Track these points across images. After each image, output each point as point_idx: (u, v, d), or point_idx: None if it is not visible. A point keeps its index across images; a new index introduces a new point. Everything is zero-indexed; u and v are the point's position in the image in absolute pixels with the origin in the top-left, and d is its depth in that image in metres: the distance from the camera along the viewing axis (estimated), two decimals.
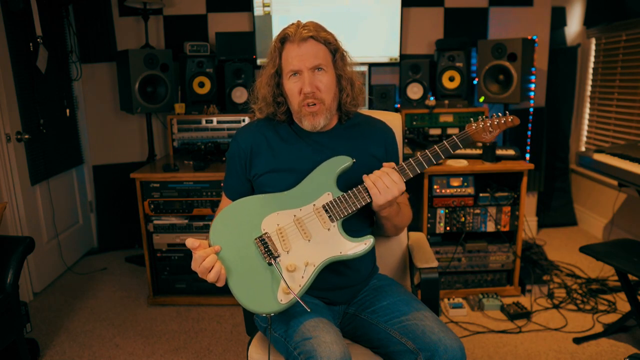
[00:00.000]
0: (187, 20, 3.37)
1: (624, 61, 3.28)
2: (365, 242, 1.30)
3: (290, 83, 1.35)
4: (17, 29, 2.74)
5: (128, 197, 3.28)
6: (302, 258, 1.27)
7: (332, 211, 1.31)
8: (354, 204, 1.31)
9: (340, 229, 1.31)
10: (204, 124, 3.06)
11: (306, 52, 1.31)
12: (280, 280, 1.24)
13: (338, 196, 1.32)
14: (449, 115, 3.10)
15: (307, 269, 1.26)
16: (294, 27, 1.33)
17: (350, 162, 1.34)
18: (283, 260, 1.27)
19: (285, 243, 1.29)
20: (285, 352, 1.28)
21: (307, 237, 1.30)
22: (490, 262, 2.74)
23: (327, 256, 1.28)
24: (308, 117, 1.36)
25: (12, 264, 1.96)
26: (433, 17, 3.39)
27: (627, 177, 2.18)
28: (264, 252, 1.27)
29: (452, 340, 1.24)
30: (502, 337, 2.38)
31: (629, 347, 2.26)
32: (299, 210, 1.32)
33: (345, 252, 1.29)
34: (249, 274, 1.26)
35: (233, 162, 1.46)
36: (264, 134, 1.45)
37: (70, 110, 3.30)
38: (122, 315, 2.65)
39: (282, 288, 1.24)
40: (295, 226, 1.31)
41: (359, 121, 1.50)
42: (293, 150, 1.42)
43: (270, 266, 1.26)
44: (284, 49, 1.34)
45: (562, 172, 3.88)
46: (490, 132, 1.39)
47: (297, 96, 1.35)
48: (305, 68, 1.32)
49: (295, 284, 1.25)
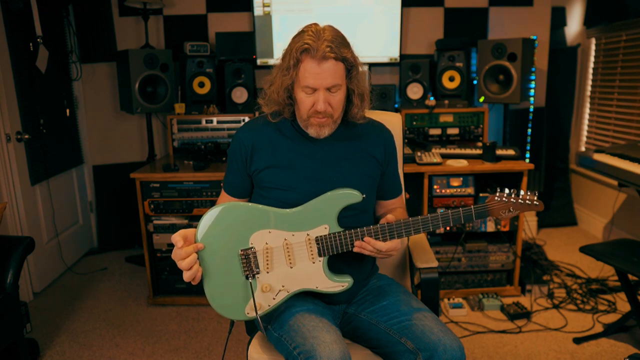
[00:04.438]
0: (187, 20, 3.37)
1: (624, 61, 3.28)
2: (343, 285, 1.33)
3: (303, 95, 1.33)
4: (17, 29, 2.74)
5: (128, 197, 3.28)
6: (280, 282, 1.31)
7: (322, 246, 1.31)
8: (346, 246, 1.31)
9: (324, 264, 1.32)
10: (204, 124, 3.06)
11: (326, 71, 1.28)
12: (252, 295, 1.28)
13: (334, 232, 1.31)
14: (449, 115, 3.10)
15: (280, 293, 1.31)
16: (314, 39, 1.27)
17: (360, 199, 1.31)
18: (261, 278, 1.30)
19: (268, 263, 1.31)
20: (285, 352, 1.28)
21: (290, 264, 1.31)
22: (490, 262, 2.74)
23: (303, 287, 1.32)
24: (315, 127, 1.37)
25: (12, 264, 1.96)
26: (433, 17, 3.39)
27: (627, 177, 2.18)
28: (245, 267, 1.29)
29: (451, 340, 1.25)
30: (502, 337, 2.38)
31: (629, 347, 2.26)
32: (291, 235, 1.32)
33: (321, 288, 1.33)
34: (225, 279, 1.29)
35: (234, 158, 1.46)
36: (266, 131, 1.45)
37: (70, 110, 3.30)
38: (122, 315, 2.65)
39: (250, 304, 1.29)
40: (282, 250, 1.31)
41: (359, 122, 1.50)
42: (294, 147, 1.42)
43: (247, 280, 1.29)
44: (302, 61, 1.29)
45: (562, 172, 3.88)
46: (510, 212, 1.32)
47: (308, 109, 1.34)
48: (322, 87, 1.30)
49: (265, 304, 1.31)
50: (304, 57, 1.28)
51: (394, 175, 1.55)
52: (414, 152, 2.71)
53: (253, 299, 1.27)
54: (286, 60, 1.32)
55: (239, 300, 1.29)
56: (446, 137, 3.13)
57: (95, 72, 3.42)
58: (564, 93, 3.79)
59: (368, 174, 1.46)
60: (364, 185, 1.42)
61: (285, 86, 1.34)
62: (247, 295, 1.29)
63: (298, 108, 1.38)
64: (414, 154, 2.68)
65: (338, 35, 1.31)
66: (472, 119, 3.10)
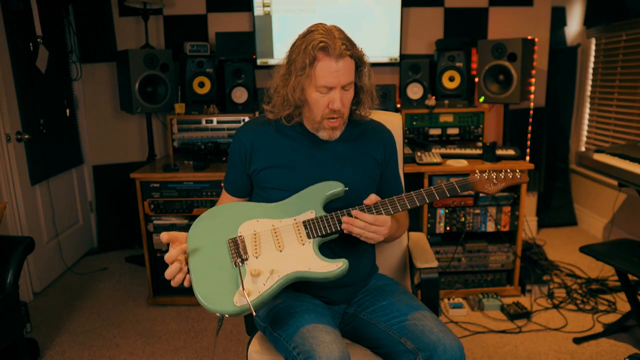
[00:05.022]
0: (187, 20, 3.37)
1: (624, 61, 3.28)
2: (337, 265, 1.25)
3: (318, 95, 1.31)
4: (17, 29, 2.74)
5: (128, 197, 3.28)
6: (269, 265, 1.24)
7: (310, 228, 1.31)
8: (334, 225, 1.30)
9: (315, 247, 1.29)
10: (204, 124, 3.06)
11: (342, 68, 1.28)
12: (243, 281, 1.21)
13: (320, 215, 1.32)
14: (449, 115, 3.10)
15: (272, 276, 1.23)
16: (327, 37, 1.27)
17: (342, 190, 1.34)
18: (250, 263, 1.25)
19: (256, 248, 1.28)
20: (284, 351, 1.28)
21: (279, 248, 1.28)
22: (490, 262, 2.74)
23: (294, 269, 1.24)
24: (327, 130, 1.37)
25: (12, 264, 1.96)
26: (433, 17, 3.39)
27: (627, 177, 2.18)
28: (234, 252, 1.26)
29: (451, 340, 1.24)
30: (502, 337, 2.38)
31: (629, 347, 2.26)
32: (278, 222, 1.33)
33: (315, 269, 1.24)
34: (213, 271, 1.24)
35: (234, 157, 1.47)
36: (266, 131, 1.44)
37: (70, 110, 3.30)
38: (122, 315, 2.65)
39: (239, 291, 1.20)
40: (270, 235, 1.31)
41: (359, 122, 1.50)
42: (294, 146, 1.42)
43: (235, 267, 1.24)
44: (319, 59, 1.28)
45: (562, 172, 3.88)
46: (495, 185, 1.37)
47: (323, 109, 1.33)
48: (339, 86, 1.30)
49: (256, 290, 1.21)
50: (321, 55, 1.27)
51: (393, 176, 1.55)
52: (414, 152, 2.71)
53: (242, 284, 1.19)
54: (300, 59, 1.29)
55: (226, 290, 1.21)
56: (446, 137, 3.13)
57: (95, 72, 3.42)
58: (564, 93, 3.79)
59: (369, 175, 1.46)
60: (364, 186, 1.42)
61: (303, 86, 1.32)
62: (235, 284, 1.22)
63: (310, 110, 1.36)
64: (414, 154, 2.68)
65: (345, 34, 1.33)
66: (472, 119, 3.11)
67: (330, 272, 1.24)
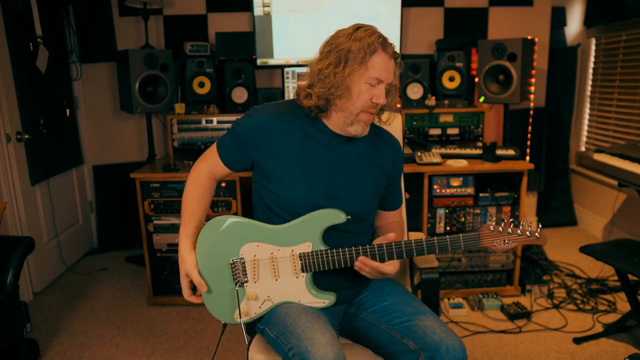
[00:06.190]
0: (187, 20, 3.37)
1: (624, 61, 3.28)
2: (324, 302, 1.38)
3: (366, 87, 1.31)
4: (17, 29, 2.74)
5: (128, 197, 3.28)
6: (265, 292, 1.39)
7: (305, 262, 1.35)
8: (328, 263, 1.35)
9: (308, 280, 1.37)
10: (204, 124, 3.06)
11: (393, 67, 1.33)
12: (239, 302, 1.39)
13: (317, 250, 1.35)
14: (449, 115, 3.10)
15: (266, 303, 1.39)
16: (380, 37, 1.31)
17: (344, 220, 1.35)
18: (249, 287, 1.39)
19: (255, 274, 1.38)
20: (282, 352, 1.28)
21: (275, 276, 1.38)
22: (490, 262, 2.74)
23: (286, 299, 1.39)
24: (362, 124, 1.36)
25: (12, 264, 1.96)
26: (433, 17, 3.39)
27: (627, 177, 2.19)
28: (234, 276, 1.38)
29: (453, 340, 1.25)
30: (502, 337, 2.38)
31: (629, 347, 2.26)
32: (277, 250, 1.37)
33: (304, 302, 1.38)
34: (217, 285, 1.40)
35: (242, 134, 1.40)
36: (284, 120, 1.39)
37: (70, 110, 3.30)
38: (122, 315, 2.65)
39: (237, 310, 1.39)
40: (269, 263, 1.38)
41: (372, 128, 1.46)
42: (307, 142, 1.38)
43: (236, 287, 1.39)
44: (377, 53, 1.29)
45: (562, 172, 3.88)
46: (505, 243, 1.28)
47: (365, 101, 1.32)
48: (388, 81, 1.33)
49: (252, 311, 1.39)
50: (380, 49, 1.30)
51: (397, 187, 1.56)
52: (414, 152, 2.71)
53: (238, 307, 1.37)
54: (357, 48, 1.28)
55: (229, 305, 1.40)
56: (446, 137, 3.13)
57: (95, 72, 3.42)
58: (564, 93, 3.79)
59: (376, 181, 1.45)
60: (370, 191, 1.43)
61: (358, 77, 1.30)
62: (236, 302, 1.38)
63: (350, 101, 1.32)
64: (414, 154, 2.68)
65: None
66: (472, 119, 3.11)
67: (318, 307, 1.38)
